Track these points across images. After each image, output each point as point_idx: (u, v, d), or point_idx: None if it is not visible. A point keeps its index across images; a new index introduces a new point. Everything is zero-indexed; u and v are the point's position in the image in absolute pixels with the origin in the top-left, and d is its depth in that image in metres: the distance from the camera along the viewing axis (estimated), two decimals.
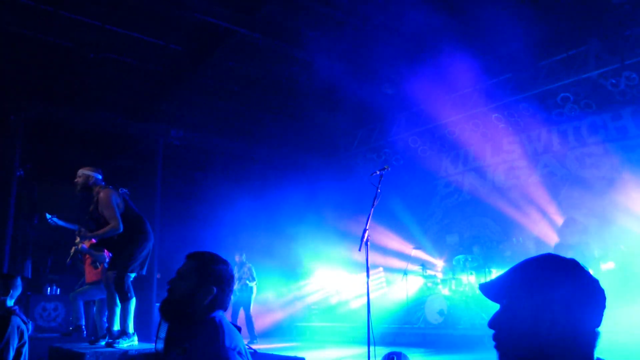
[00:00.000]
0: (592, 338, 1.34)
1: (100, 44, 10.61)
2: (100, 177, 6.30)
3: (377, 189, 5.90)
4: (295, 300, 14.51)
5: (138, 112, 12.91)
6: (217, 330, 2.27)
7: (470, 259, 11.19)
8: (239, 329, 2.50)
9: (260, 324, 13.10)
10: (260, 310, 13.42)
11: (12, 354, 4.46)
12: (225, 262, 2.49)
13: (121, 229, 5.89)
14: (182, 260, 2.53)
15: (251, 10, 9.54)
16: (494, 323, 1.41)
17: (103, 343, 5.95)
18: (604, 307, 1.37)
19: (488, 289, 1.46)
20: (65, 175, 14.54)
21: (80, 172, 6.28)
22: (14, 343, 4.49)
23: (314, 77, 11.99)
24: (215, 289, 2.37)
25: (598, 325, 1.35)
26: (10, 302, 4.79)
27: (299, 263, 14.40)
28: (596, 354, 1.35)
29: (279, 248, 13.41)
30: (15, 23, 9.88)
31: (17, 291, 4.93)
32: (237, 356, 2.21)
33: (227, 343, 2.21)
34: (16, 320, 4.59)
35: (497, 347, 1.39)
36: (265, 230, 13.28)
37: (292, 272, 14.53)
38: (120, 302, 5.98)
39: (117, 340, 5.71)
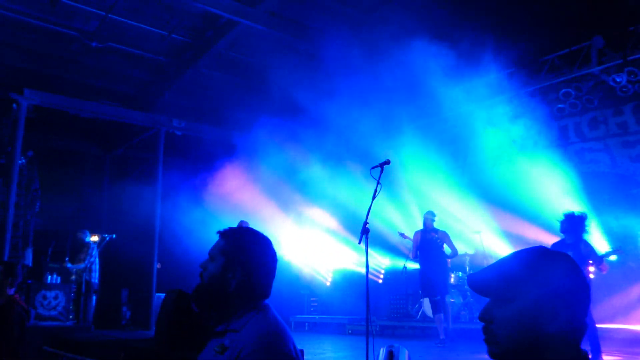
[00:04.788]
0: (581, 330, 1.36)
1: (103, 33, 10.61)
2: None
3: (378, 183, 5.89)
4: (294, 291, 14.51)
5: (140, 101, 12.91)
6: (264, 326, 1.91)
7: (468, 254, 11.23)
8: None
9: None
10: None
11: (13, 342, 4.48)
12: (261, 239, 2.11)
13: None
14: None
15: (254, 1, 9.52)
16: (485, 315, 1.40)
17: None
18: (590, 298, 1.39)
19: (477, 283, 1.43)
20: (67, 163, 14.70)
21: None
22: (15, 331, 4.51)
23: (317, 68, 11.97)
24: (242, 271, 1.99)
25: (586, 316, 1.37)
26: (10, 291, 4.77)
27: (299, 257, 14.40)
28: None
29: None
30: (19, 11, 9.89)
31: (16, 279, 4.85)
32: None
33: (280, 346, 1.84)
34: (17, 309, 4.61)
35: (487, 340, 1.39)
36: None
37: (293, 269, 14.51)
38: None
39: None
